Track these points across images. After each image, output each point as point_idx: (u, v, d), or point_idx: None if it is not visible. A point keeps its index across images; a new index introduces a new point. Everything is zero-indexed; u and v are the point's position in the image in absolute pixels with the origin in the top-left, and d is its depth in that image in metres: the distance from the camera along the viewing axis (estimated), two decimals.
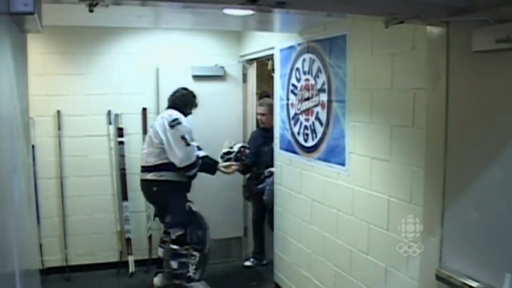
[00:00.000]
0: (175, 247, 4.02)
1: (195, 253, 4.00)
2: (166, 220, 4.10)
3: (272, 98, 4.51)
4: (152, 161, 4.01)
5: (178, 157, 3.91)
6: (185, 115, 4.12)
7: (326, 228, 3.38)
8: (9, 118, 1.57)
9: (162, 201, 4.09)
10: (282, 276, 4.24)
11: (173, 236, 4.05)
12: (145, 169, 4.06)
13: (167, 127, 3.93)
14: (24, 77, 2.18)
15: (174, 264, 4.04)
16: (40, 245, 4.44)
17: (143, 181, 4.11)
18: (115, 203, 4.76)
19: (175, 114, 4.03)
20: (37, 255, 4.07)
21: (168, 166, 3.96)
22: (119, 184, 4.74)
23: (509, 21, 1.76)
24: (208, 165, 4.21)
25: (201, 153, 4.22)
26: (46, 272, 4.43)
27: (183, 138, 3.92)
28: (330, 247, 3.31)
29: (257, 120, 4.95)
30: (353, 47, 2.98)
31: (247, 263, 4.99)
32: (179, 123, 3.96)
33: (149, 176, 4.02)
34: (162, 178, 3.99)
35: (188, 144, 3.94)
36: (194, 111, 4.26)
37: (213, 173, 4.28)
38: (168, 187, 4.01)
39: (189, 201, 4.11)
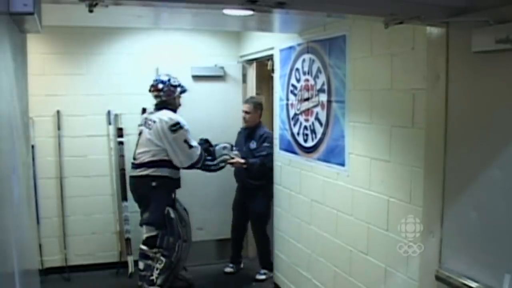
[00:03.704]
0: (144, 247, 4.06)
1: (162, 258, 3.98)
2: (144, 216, 4.10)
3: (272, 99, 4.48)
4: (151, 159, 4.03)
5: (180, 159, 4.03)
6: (176, 110, 4.18)
7: (325, 229, 3.38)
8: (9, 118, 1.56)
9: (149, 196, 4.07)
10: (281, 276, 4.23)
11: (144, 236, 4.08)
12: (141, 165, 4.06)
13: (168, 131, 3.97)
14: (24, 77, 2.18)
15: (141, 265, 4.08)
16: (40, 245, 4.44)
17: (137, 177, 4.10)
18: (114, 203, 4.75)
19: (174, 117, 4.04)
20: (36, 255, 4.07)
21: (165, 163, 4.04)
22: (119, 184, 4.73)
23: (509, 22, 1.76)
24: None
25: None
26: (46, 272, 4.43)
27: (185, 141, 4.00)
28: (330, 247, 3.31)
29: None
30: (353, 47, 2.98)
31: (228, 269, 4.81)
32: (181, 127, 4.00)
33: (148, 171, 4.03)
34: (159, 174, 4.03)
35: (191, 147, 4.03)
36: (183, 98, 4.28)
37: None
38: (163, 182, 4.03)
39: (172, 206, 4.09)
